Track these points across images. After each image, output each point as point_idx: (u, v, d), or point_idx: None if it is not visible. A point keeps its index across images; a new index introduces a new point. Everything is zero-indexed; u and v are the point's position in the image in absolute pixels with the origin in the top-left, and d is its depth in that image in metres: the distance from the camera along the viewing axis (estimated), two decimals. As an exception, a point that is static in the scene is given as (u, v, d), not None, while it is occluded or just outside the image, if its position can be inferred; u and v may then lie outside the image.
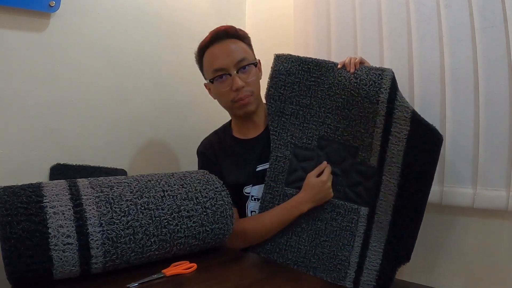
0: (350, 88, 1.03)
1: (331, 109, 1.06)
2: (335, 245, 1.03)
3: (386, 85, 1.00)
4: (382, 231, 1.02)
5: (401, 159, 0.99)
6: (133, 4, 1.33)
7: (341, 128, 1.05)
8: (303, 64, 1.08)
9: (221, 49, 1.07)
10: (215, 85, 1.10)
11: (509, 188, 1.01)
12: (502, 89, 1.01)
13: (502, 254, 1.05)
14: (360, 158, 1.04)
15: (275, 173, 1.06)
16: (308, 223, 1.04)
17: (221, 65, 1.06)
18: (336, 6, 1.33)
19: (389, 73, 1.01)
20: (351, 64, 1.04)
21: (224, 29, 1.09)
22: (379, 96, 1.00)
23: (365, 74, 1.02)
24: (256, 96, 1.11)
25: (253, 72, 1.09)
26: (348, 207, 1.04)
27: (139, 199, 0.79)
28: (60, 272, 0.69)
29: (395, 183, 1.00)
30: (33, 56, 1.11)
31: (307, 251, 1.03)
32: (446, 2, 1.08)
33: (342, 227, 1.03)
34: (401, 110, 0.99)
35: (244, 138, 1.14)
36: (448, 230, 1.13)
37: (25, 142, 1.10)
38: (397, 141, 0.99)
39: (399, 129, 0.99)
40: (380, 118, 1.01)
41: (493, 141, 1.02)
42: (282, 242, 1.03)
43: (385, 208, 1.01)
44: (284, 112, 1.09)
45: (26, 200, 0.69)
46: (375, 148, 1.02)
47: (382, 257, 1.01)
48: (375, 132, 1.02)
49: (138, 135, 1.36)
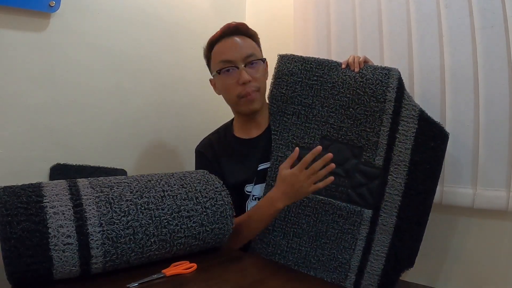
0: (355, 86, 1.03)
1: (334, 108, 1.05)
2: (336, 247, 1.02)
3: (394, 84, 1.00)
4: (386, 234, 1.00)
5: (409, 157, 0.99)
6: (133, 4, 1.33)
7: (345, 128, 1.04)
8: (306, 63, 1.07)
9: (231, 43, 1.08)
10: (222, 77, 1.09)
11: (509, 188, 1.01)
12: (502, 89, 1.01)
13: (502, 254, 1.05)
14: (364, 159, 1.03)
15: (276, 173, 1.04)
16: (309, 225, 1.03)
17: (230, 57, 1.06)
18: (336, 6, 1.33)
19: (396, 72, 1.02)
20: (355, 63, 1.04)
21: (236, 25, 1.10)
22: (386, 95, 1.00)
23: (371, 73, 1.03)
24: (262, 94, 1.11)
25: (261, 68, 1.09)
26: (350, 210, 1.02)
27: (139, 199, 0.79)
28: (60, 272, 0.69)
29: (402, 182, 0.99)
30: (33, 56, 1.11)
31: (307, 253, 1.02)
32: (446, 2, 1.08)
33: (344, 230, 1.02)
34: (409, 108, 0.99)
35: (246, 137, 1.14)
36: (448, 230, 1.13)
37: (25, 142, 1.10)
38: (404, 139, 0.99)
39: (407, 128, 0.99)
40: (387, 116, 1.00)
41: (493, 141, 1.02)
42: (283, 244, 1.03)
43: (389, 210, 1.00)
44: (285, 112, 1.08)
45: (26, 200, 0.69)
46: (381, 147, 1.01)
47: (384, 261, 1.00)
48: (382, 131, 1.01)
49: (138, 135, 1.36)
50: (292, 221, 1.04)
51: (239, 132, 1.16)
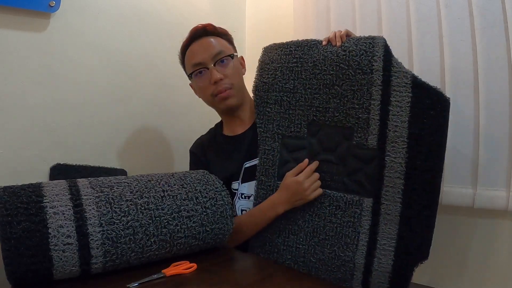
0: (338, 61, 0.93)
1: (318, 89, 0.96)
2: (336, 243, 0.92)
3: (379, 53, 0.90)
4: (391, 225, 0.87)
5: (406, 132, 0.86)
6: (133, 4, 1.33)
7: (331, 108, 0.95)
8: (285, 48, 1.02)
9: (199, 45, 1.09)
10: (195, 81, 1.11)
11: (509, 188, 1.00)
12: (502, 89, 1.01)
13: (502, 254, 1.05)
14: (356, 140, 0.92)
15: (265, 167, 1.02)
16: (305, 220, 0.96)
17: (199, 59, 1.07)
18: (336, 6, 1.33)
19: (381, 40, 0.92)
20: (337, 37, 0.97)
21: (202, 26, 1.11)
22: (373, 65, 0.90)
23: (353, 45, 0.93)
24: (237, 90, 1.09)
25: (231, 65, 1.09)
26: (348, 200, 0.91)
27: (139, 199, 0.79)
28: (60, 272, 0.69)
29: (402, 162, 0.86)
30: (33, 56, 1.11)
31: (306, 251, 0.95)
32: (446, 2, 1.07)
33: (343, 223, 0.91)
34: (400, 76, 0.88)
35: (232, 135, 1.15)
36: (448, 230, 1.13)
37: (25, 142, 1.10)
38: (399, 111, 0.87)
39: (400, 97, 0.87)
40: (376, 88, 0.89)
41: (493, 141, 1.02)
42: (279, 242, 0.98)
43: (392, 196, 0.88)
44: (268, 101, 1.03)
45: (26, 200, 0.69)
46: (374, 124, 0.89)
47: (393, 256, 0.87)
48: (372, 105, 0.90)
49: (138, 135, 1.36)
50: (286, 217, 0.98)
51: (227, 130, 1.17)
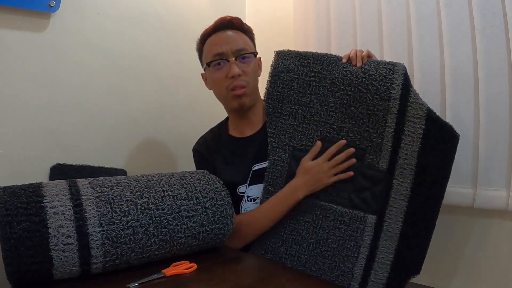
0: (357, 83, 0.95)
1: (334, 107, 0.98)
2: (338, 255, 0.95)
3: (399, 81, 0.93)
4: (391, 241, 0.94)
5: (415, 161, 0.91)
6: (133, 4, 1.33)
7: (346, 128, 0.97)
8: (303, 59, 1.01)
9: (223, 36, 1.07)
10: (211, 70, 1.07)
11: (509, 188, 1.00)
12: (502, 89, 1.01)
13: (502, 254, 1.05)
14: (368, 161, 0.96)
15: (273, 178, 1.01)
16: (308, 232, 0.98)
17: (221, 50, 1.05)
18: (336, 6, 1.33)
19: (401, 67, 0.95)
20: (358, 57, 0.97)
21: (230, 19, 1.09)
22: (391, 93, 0.93)
23: (374, 68, 0.95)
24: (252, 90, 1.07)
25: (252, 63, 1.08)
26: (353, 215, 0.95)
27: (139, 199, 0.79)
28: (60, 272, 0.69)
29: (408, 187, 0.93)
30: (33, 56, 1.11)
31: (307, 260, 0.97)
32: (446, 2, 1.07)
33: (346, 237, 0.95)
34: (415, 107, 0.92)
35: (240, 136, 1.12)
36: (448, 230, 1.13)
37: (25, 142, 1.10)
38: (411, 141, 0.92)
39: (413, 128, 0.92)
40: (392, 116, 0.93)
41: (493, 141, 1.02)
42: (282, 251, 0.98)
43: (395, 215, 0.94)
44: (282, 112, 1.03)
45: (26, 200, 0.69)
46: (386, 150, 0.94)
47: (389, 269, 0.94)
48: (386, 132, 0.94)
49: (138, 135, 1.36)
50: (291, 227, 0.99)
51: (234, 131, 1.14)
